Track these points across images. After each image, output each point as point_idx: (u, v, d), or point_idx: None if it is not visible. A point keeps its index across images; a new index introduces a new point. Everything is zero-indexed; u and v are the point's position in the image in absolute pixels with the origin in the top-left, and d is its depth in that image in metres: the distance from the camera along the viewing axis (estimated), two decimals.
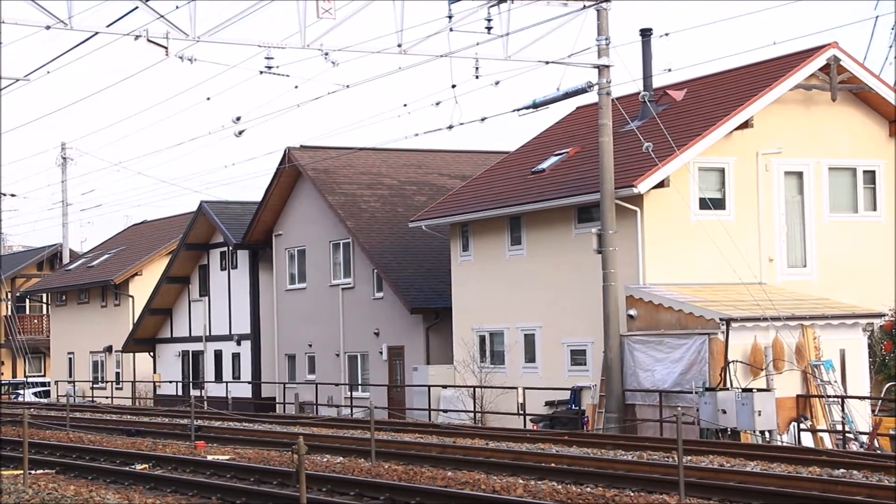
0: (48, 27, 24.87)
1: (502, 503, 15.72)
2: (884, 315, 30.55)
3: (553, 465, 20.77)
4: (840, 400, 28.37)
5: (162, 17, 25.18)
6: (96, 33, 25.79)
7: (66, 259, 66.04)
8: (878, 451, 25.38)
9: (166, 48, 25.46)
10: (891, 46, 43.52)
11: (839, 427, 28.08)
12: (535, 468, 20.22)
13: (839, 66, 32.39)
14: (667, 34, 29.98)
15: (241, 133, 30.84)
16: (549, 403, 33.11)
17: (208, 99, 32.77)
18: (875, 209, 33.58)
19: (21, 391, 63.48)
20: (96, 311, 59.63)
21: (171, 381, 53.10)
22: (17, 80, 28.92)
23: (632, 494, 17.01)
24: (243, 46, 26.69)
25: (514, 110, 30.56)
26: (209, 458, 23.05)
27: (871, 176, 33.60)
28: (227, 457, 23.52)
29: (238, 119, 30.63)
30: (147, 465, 22.37)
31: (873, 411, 28.71)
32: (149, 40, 25.38)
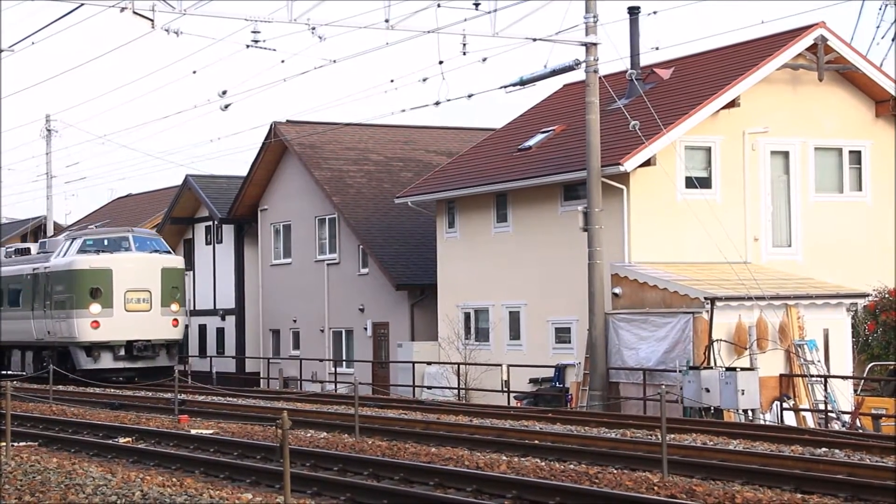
0: None
1: (485, 479, 15.74)
2: (868, 295, 30.65)
3: (537, 442, 20.80)
4: (823, 379, 28.47)
5: None
6: (82, 4, 25.67)
7: (50, 231, 65.78)
8: (860, 431, 25.48)
9: (152, 21, 25.34)
10: (878, 27, 43.54)
11: (822, 406, 28.18)
12: (519, 445, 20.25)
13: (826, 46, 32.39)
14: (654, 12, 30.06)
15: (227, 107, 30.76)
16: (533, 381, 33.16)
17: (194, 72, 32.63)
18: (860, 189, 33.65)
19: None
20: None
21: None
22: (2, 52, 28.79)
23: (615, 472, 17.05)
24: (230, 20, 26.62)
25: (501, 87, 30.54)
26: (193, 432, 23.05)
27: (856, 156, 33.66)
28: (211, 431, 23.51)
29: (224, 93, 30.54)
30: (130, 439, 22.36)
31: (856, 391, 28.82)
32: (135, 12, 25.27)
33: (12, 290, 43.88)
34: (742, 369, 26.86)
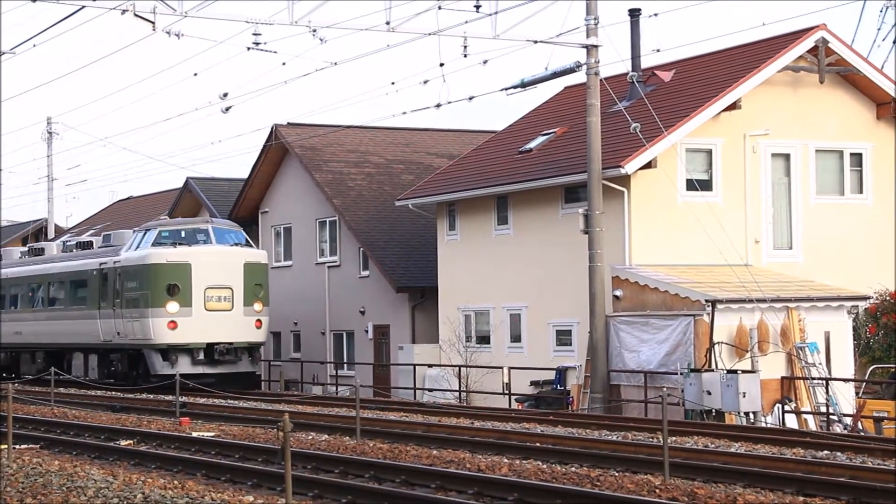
0: None
1: (487, 482, 15.73)
2: (869, 298, 30.64)
3: (538, 444, 20.79)
4: (824, 382, 28.46)
5: None
6: (83, 7, 25.69)
7: (51, 234, 65.83)
8: (862, 433, 25.47)
9: (153, 23, 25.37)
10: (879, 29, 43.54)
11: (823, 409, 28.17)
12: (520, 447, 20.25)
13: (827, 49, 32.40)
14: (655, 14, 30.10)
15: (228, 109, 30.80)
16: (534, 383, 33.16)
17: (195, 75, 32.69)
18: (861, 192, 33.65)
19: None
20: None
21: None
22: (4, 54, 28.81)
23: (616, 474, 17.04)
24: (231, 22, 26.64)
25: (502, 89, 30.54)
26: (194, 434, 23.04)
27: (857, 159, 33.66)
28: (212, 434, 23.50)
29: (225, 95, 30.59)
30: (131, 441, 22.36)
31: (857, 393, 28.82)
32: (136, 15, 25.29)
33: (74, 286, 39.78)
34: (743, 372, 26.85)
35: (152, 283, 35.56)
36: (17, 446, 20.88)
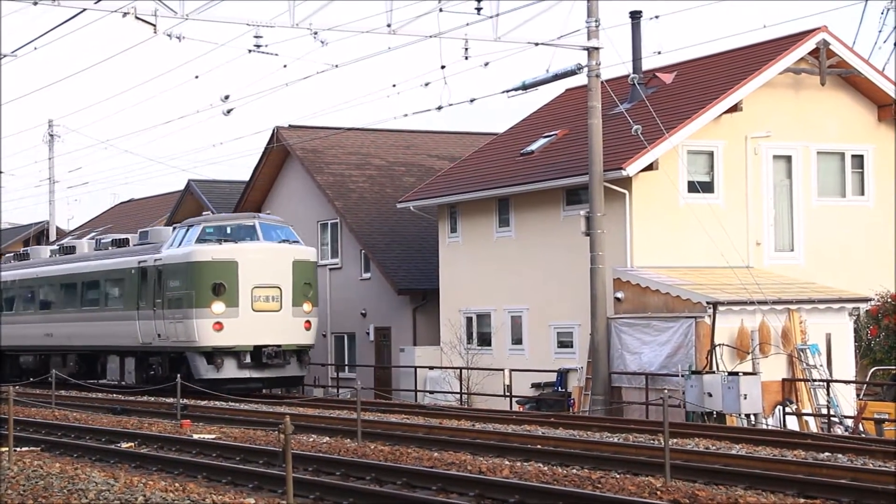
0: (36, 2, 24.77)
1: (488, 484, 15.73)
2: (870, 300, 30.63)
3: (539, 446, 20.78)
4: (825, 384, 28.46)
5: None
6: (84, 10, 25.73)
7: (52, 237, 65.84)
8: (863, 435, 25.46)
9: (154, 25, 25.40)
10: (880, 31, 43.54)
11: (824, 411, 28.18)
12: (522, 449, 20.24)
13: (828, 51, 32.40)
14: (657, 16, 30.14)
15: (229, 112, 30.84)
16: (535, 385, 33.15)
17: (196, 77, 32.81)
18: (863, 194, 33.65)
19: None
20: None
21: None
22: (5, 56, 28.84)
23: (617, 476, 17.04)
24: (232, 25, 26.68)
25: (503, 91, 30.56)
26: (195, 437, 23.03)
27: (859, 161, 33.66)
28: (213, 436, 23.50)
29: (226, 98, 30.63)
30: (133, 444, 22.35)
31: (858, 395, 28.81)
32: (137, 17, 25.32)
33: (111, 285, 37.69)
34: (744, 374, 26.84)
35: (196, 282, 33.49)
36: (18, 449, 20.88)
